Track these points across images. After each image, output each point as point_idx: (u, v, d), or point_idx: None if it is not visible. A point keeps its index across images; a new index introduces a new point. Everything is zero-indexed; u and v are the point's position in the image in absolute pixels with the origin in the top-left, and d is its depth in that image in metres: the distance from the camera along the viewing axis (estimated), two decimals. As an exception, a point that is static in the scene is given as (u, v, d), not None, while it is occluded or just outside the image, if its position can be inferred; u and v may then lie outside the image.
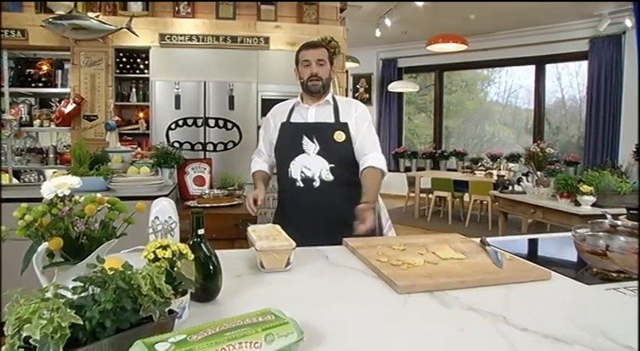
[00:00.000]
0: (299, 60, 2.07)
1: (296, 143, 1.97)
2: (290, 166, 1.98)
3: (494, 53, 8.04)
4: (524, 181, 4.47)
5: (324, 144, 1.95)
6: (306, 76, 2.02)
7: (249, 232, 1.46)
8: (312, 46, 2.07)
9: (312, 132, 1.97)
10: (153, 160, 3.49)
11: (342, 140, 1.97)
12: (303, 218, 1.90)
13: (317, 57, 2.01)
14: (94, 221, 0.95)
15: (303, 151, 1.97)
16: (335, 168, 1.95)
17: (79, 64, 4.75)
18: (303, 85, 2.06)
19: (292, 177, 1.97)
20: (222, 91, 4.92)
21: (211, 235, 3.12)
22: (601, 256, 1.19)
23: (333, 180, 1.94)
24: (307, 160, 1.96)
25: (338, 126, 1.99)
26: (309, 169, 1.95)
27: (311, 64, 2.00)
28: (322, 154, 1.95)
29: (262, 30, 5.03)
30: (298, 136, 1.98)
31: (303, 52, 2.05)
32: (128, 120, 5.12)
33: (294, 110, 2.08)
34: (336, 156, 1.96)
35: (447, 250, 1.38)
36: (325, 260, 1.42)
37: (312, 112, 2.03)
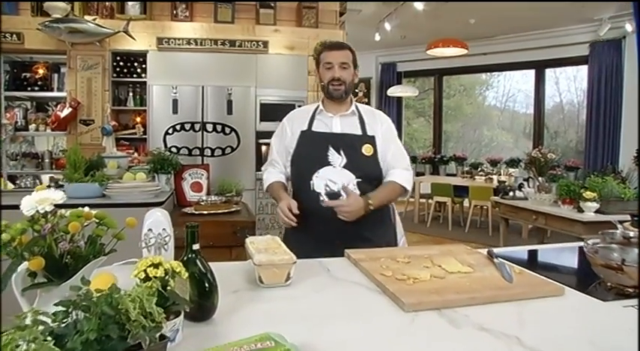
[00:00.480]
0: (320, 61, 1.92)
1: (321, 154, 1.83)
2: (312, 178, 1.82)
3: (494, 58, 8.01)
4: (526, 186, 4.42)
5: (351, 157, 1.82)
6: (327, 80, 1.88)
7: (247, 244, 1.40)
8: (336, 46, 1.91)
9: (339, 143, 1.84)
10: (149, 165, 3.42)
11: (370, 154, 1.86)
12: (325, 234, 1.77)
13: (340, 60, 1.86)
14: (80, 238, 0.89)
15: (329, 163, 1.82)
16: (362, 183, 1.82)
17: (76, 67, 4.69)
18: (323, 89, 1.92)
19: (315, 190, 1.82)
20: (220, 95, 4.87)
21: (209, 243, 3.07)
22: (616, 271, 1.14)
23: (359, 195, 1.79)
24: (333, 173, 1.82)
25: (365, 139, 1.88)
26: (335, 183, 1.81)
27: (333, 67, 1.86)
28: (349, 167, 1.82)
29: (261, 34, 4.98)
30: (323, 146, 1.84)
31: (326, 54, 1.90)
32: (125, 124, 5.06)
33: (316, 118, 1.92)
34: (363, 170, 1.84)
35: (454, 263, 1.32)
36: (327, 273, 1.36)
37: (336, 122, 1.90)
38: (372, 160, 1.87)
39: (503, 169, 6.68)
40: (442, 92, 9.40)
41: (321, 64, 1.91)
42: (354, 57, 1.92)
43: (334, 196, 1.79)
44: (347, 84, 1.88)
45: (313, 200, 1.81)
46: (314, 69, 5.48)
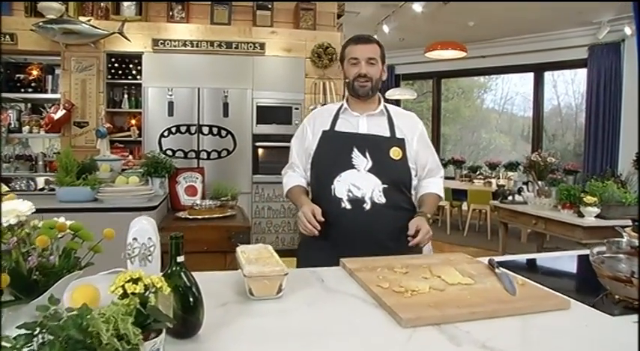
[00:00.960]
0: (345, 56, 1.78)
1: (344, 156, 1.69)
2: (334, 182, 1.68)
3: (492, 60, 7.97)
4: (525, 190, 4.37)
5: (378, 160, 1.68)
6: (352, 76, 1.74)
7: (237, 254, 1.34)
8: (363, 40, 1.76)
9: (364, 145, 1.70)
10: (143, 169, 3.36)
11: (399, 158, 1.71)
12: (346, 244, 1.63)
13: (367, 55, 1.72)
14: (51, 252, 0.83)
15: (353, 166, 1.68)
16: (388, 189, 1.67)
17: (70, 69, 4.63)
18: (348, 86, 1.79)
19: (336, 196, 1.67)
20: (216, 97, 4.82)
21: (203, 248, 2.99)
22: (625, 283, 1.08)
23: (385, 203, 1.66)
24: (357, 178, 1.67)
25: (394, 142, 1.73)
26: (359, 189, 1.66)
27: (360, 62, 1.72)
28: (374, 171, 1.68)
29: (258, 35, 4.93)
30: (347, 148, 1.70)
31: (351, 48, 1.75)
32: (120, 127, 5.00)
33: (340, 117, 1.79)
34: (390, 175, 1.69)
35: (454, 274, 1.26)
36: (320, 284, 1.30)
37: (363, 122, 1.76)
38: (401, 165, 1.72)
39: (502, 173, 6.62)
40: (441, 95, 9.36)
41: (346, 59, 1.77)
42: (383, 52, 1.78)
43: (358, 202, 1.66)
44: (374, 81, 1.74)
45: (334, 207, 1.67)
46: (312, 71, 5.38)
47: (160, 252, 1.30)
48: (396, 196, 1.70)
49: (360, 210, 1.66)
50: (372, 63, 1.73)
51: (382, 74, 1.79)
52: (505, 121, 9.25)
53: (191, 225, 2.98)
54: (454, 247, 6.03)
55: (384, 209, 1.67)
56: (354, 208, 1.66)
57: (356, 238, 1.64)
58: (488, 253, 5.45)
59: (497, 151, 9.10)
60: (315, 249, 1.71)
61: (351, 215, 1.66)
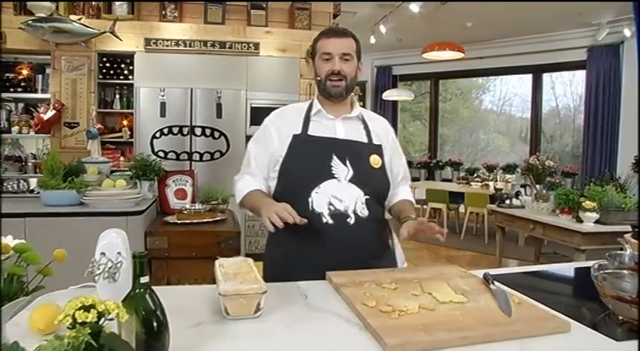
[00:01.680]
0: (316, 52, 1.58)
1: (322, 164, 1.50)
2: (312, 195, 1.48)
3: (490, 61, 7.91)
4: (523, 194, 4.30)
5: (359, 169, 1.52)
6: (324, 73, 1.55)
7: (215, 268, 1.26)
8: (337, 33, 1.57)
9: (344, 152, 1.52)
10: (131, 172, 3.28)
11: (378, 166, 1.56)
12: (325, 263, 1.43)
13: (342, 50, 1.53)
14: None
15: (333, 175, 1.49)
16: (370, 200, 1.52)
17: (60, 68, 4.54)
18: (319, 85, 1.58)
19: (315, 210, 1.47)
20: (209, 98, 4.73)
21: (191, 254, 2.91)
22: (630, 304, 1.00)
23: (368, 216, 1.50)
24: (338, 189, 1.49)
25: (373, 149, 1.58)
26: (341, 201, 1.48)
27: (333, 58, 1.53)
28: (356, 181, 1.50)
29: (252, 35, 4.85)
30: (326, 155, 1.50)
31: (323, 42, 1.56)
32: (112, 128, 4.90)
33: (312, 119, 1.58)
34: (372, 185, 1.53)
35: (446, 291, 1.18)
36: (303, 301, 1.22)
37: (339, 126, 1.58)
38: (381, 174, 1.58)
39: (500, 175, 6.55)
40: (438, 96, 9.30)
41: (317, 54, 1.57)
42: (359, 47, 1.60)
43: (341, 217, 1.48)
44: (348, 79, 1.56)
45: (314, 223, 1.45)
46: (307, 71, 5.31)
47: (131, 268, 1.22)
48: (376, 209, 1.57)
49: (344, 225, 1.48)
50: (347, 59, 1.55)
51: (358, 72, 1.61)
52: (503, 122, 9.20)
53: (179, 230, 2.90)
54: (450, 251, 5.96)
55: (368, 223, 1.51)
56: (338, 223, 1.47)
57: (335, 256, 1.46)
58: (485, 258, 5.40)
59: (495, 153, 9.05)
60: (292, 268, 1.50)
61: (335, 231, 1.47)
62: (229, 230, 2.91)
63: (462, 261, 5.50)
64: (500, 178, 6.31)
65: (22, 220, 2.71)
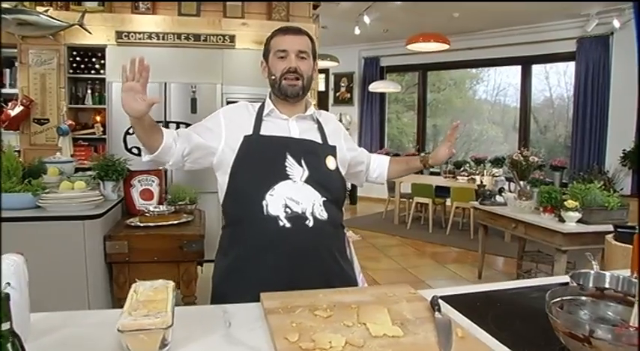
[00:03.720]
0: (270, 49, 1.52)
1: (276, 165, 1.42)
2: (266, 197, 1.39)
3: (479, 53, 7.76)
4: (506, 190, 4.18)
5: (314, 169, 1.45)
6: (279, 72, 1.48)
7: (129, 293, 1.13)
8: (292, 31, 1.51)
9: (299, 151, 1.45)
10: (94, 172, 3.13)
11: (334, 168, 1.50)
12: (280, 272, 1.38)
13: (298, 47, 1.47)
14: None
15: (287, 176, 1.42)
16: (327, 203, 1.45)
17: (28, 63, 4.38)
18: (274, 85, 1.52)
19: (270, 214, 1.38)
20: (184, 93, 4.58)
21: (153, 258, 2.77)
22: (583, 343, 0.88)
23: (327, 218, 1.43)
24: (293, 190, 1.41)
25: (329, 149, 1.53)
26: (298, 203, 1.40)
27: (289, 55, 1.47)
28: (311, 182, 1.43)
29: (228, 27, 4.70)
30: (279, 154, 1.43)
31: (279, 39, 1.50)
32: (84, 124, 4.76)
33: (264, 120, 1.51)
34: (329, 187, 1.46)
35: (383, 321, 1.06)
36: (225, 330, 1.09)
37: (293, 125, 1.51)
38: (337, 176, 1.52)
39: (487, 169, 6.43)
40: (426, 87, 9.15)
41: (271, 52, 1.51)
42: (314, 47, 1.55)
43: (299, 219, 1.39)
44: (305, 78, 1.49)
45: (270, 227, 1.38)
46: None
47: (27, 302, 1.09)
48: (334, 212, 1.49)
49: (303, 228, 1.39)
50: (304, 57, 1.48)
51: (314, 72, 1.55)
52: (497, 112, 9.09)
53: (139, 234, 2.77)
54: (436, 247, 5.87)
55: (327, 226, 1.43)
56: (295, 227, 1.38)
57: (291, 265, 1.39)
58: (470, 254, 5.30)
59: (489, 143, 8.96)
60: (245, 280, 1.41)
61: (293, 235, 1.38)
62: (192, 233, 2.78)
63: (447, 257, 5.41)
64: (487, 172, 6.19)
65: (-29, 225, 2.56)
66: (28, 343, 1.07)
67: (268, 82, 1.56)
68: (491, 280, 4.46)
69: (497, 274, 4.71)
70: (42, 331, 1.12)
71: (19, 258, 1.09)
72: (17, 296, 1.03)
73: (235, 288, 1.41)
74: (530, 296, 1.28)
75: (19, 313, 1.05)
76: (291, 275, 1.38)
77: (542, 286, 1.35)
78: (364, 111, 9.48)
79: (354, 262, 1.66)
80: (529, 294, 1.31)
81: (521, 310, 1.21)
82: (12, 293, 1.03)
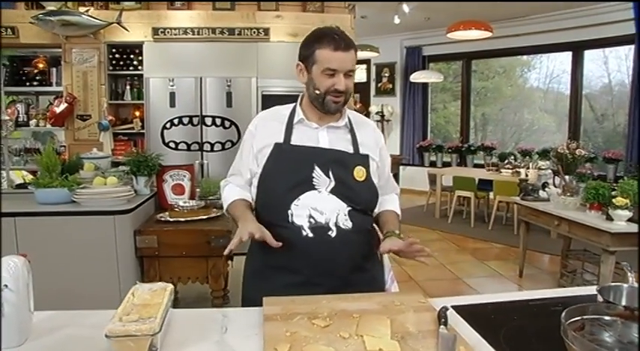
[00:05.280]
0: (316, 61, 1.42)
1: (304, 175, 1.42)
2: (291, 207, 1.41)
3: (527, 39, 7.35)
4: (551, 186, 3.94)
5: (340, 180, 1.43)
6: (324, 89, 1.41)
7: (128, 294, 1.12)
8: (343, 47, 1.40)
9: (327, 162, 1.43)
10: (127, 168, 3.21)
11: (363, 179, 1.47)
12: (309, 280, 1.40)
13: (348, 66, 1.41)
14: None
15: (313, 186, 1.42)
16: (353, 212, 1.44)
17: (71, 61, 4.55)
18: (317, 99, 1.45)
19: (295, 223, 1.40)
20: (219, 87, 4.62)
21: (181, 253, 2.81)
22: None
23: (351, 228, 1.42)
24: (318, 200, 1.41)
25: (358, 159, 1.49)
26: (322, 213, 1.40)
27: (338, 75, 1.40)
28: (337, 192, 1.42)
29: (262, 20, 4.68)
30: (308, 165, 1.42)
31: (328, 55, 1.39)
32: (124, 119, 4.90)
33: (295, 127, 1.48)
34: (355, 198, 1.45)
35: (382, 333, 1.00)
36: (218, 337, 1.07)
37: (323, 135, 1.48)
38: (365, 185, 1.48)
39: (533, 162, 6.10)
40: (470, 76, 8.81)
41: (317, 65, 1.42)
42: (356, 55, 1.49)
43: (322, 230, 1.39)
44: (348, 94, 1.45)
45: (293, 236, 1.39)
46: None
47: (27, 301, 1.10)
48: (361, 219, 1.46)
49: (325, 238, 1.40)
50: (350, 75, 1.43)
51: None
52: (551, 100, 8.63)
53: (168, 228, 2.81)
54: (477, 242, 5.66)
55: (351, 235, 1.42)
56: (318, 236, 1.39)
57: (317, 271, 1.40)
58: (512, 251, 5.06)
59: (540, 133, 8.56)
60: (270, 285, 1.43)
61: (314, 245, 1.39)
62: (219, 229, 2.79)
63: (488, 254, 5.20)
64: (532, 165, 5.87)
65: (12, 219, 2.69)
66: (28, 343, 1.09)
67: (307, 91, 1.51)
68: (532, 279, 4.25)
69: (540, 272, 4.48)
70: (44, 331, 1.13)
71: (20, 260, 1.10)
72: (14, 298, 1.05)
73: (258, 292, 1.37)
74: (554, 309, 1.17)
75: (17, 314, 1.06)
76: (312, 284, 1.38)
77: (569, 297, 1.23)
78: (406, 102, 9.27)
79: (385, 260, 1.63)
80: (553, 306, 1.19)
81: (540, 325, 1.10)
82: (9, 295, 1.06)
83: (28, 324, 1.11)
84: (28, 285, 1.12)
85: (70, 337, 1.11)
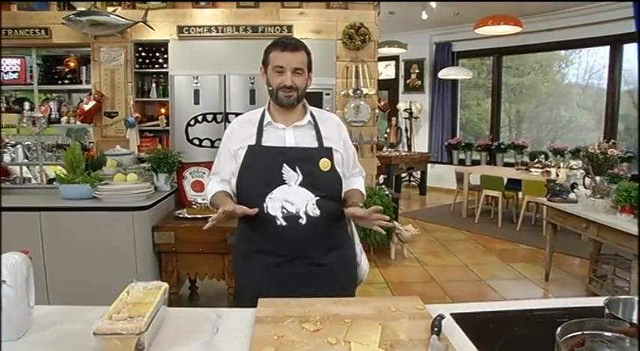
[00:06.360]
0: (269, 62, 1.65)
1: (274, 172, 1.61)
2: (266, 200, 1.60)
3: (561, 34, 7.08)
4: (580, 186, 3.78)
5: (308, 173, 1.62)
6: (276, 85, 1.63)
7: (122, 292, 1.13)
8: (290, 47, 1.62)
9: (294, 159, 1.62)
10: (147, 164, 3.28)
11: (328, 169, 1.65)
12: (286, 263, 1.62)
13: (293, 65, 1.61)
14: None
15: (283, 181, 1.61)
16: (321, 201, 1.62)
17: (100, 60, 4.66)
18: (271, 94, 1.67)
19: (270, 214, 1.59)
20: (243, 84, 4.64)
21: (198, 249, 2.85)
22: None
23: (319, 215, 1.61)
24: (289, 193, 1.61)
25: (323, 152, 1.66)
26: (293, 204, 1.60)
27: (285, 72, 1.61)
28: (305, 185, 1.61)
29: (285, 17, 4.68)
30: (277, 163, 1.61)
31: (276, 55, 1.63)
32: (150, 116, 4.99)
33: (265, 129, 1.67)
34: (322, 188, 1.63)
35: (371, 340, 0.97)
36: (208, 337, 1.07)
37: (289, 135, 1.67)
38: (330, 175, 1.66)
39: (565, 161, 5.88)
40: (501, 72, 8.57)
41: (270, 65, 1.65)
42: (310, 59, 1.69)
43: (293, 219, 1.60)
44: (300, 90, 1.64)
45: (269, 224, 1.60)
46: (343, 53, 5.10)
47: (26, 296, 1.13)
48: (329, 206, 1.65)
49: (297, 225, 1.60)
50: (299, 73, 1.62)
51: (308, 83, 1.69)
52: (590, 96, 8.29)
53: (185, 225, 2.85)
54: (504, 243, 5.51)
55: (319, 221, 1.62)
56: (290, 225, 1.60)
57: (295, 254, 1.61)
58: (541, 253, 4.88)
59: (577, 130, 8.26)
60: (249, 268, 1.68)
61: (287, 231, 1.60)
62: (235, 226, 2.79)
63: (515, 255, 5.05)
64: (563, 164, 5.66)
65: (37, 214, 2.78)
66: (27, 336, 1.12)
67: (267, 90, 1.70)
68: (559, 283, 4.09)
69: (568, 276, 4.31)
70: (43, 325, 1.16)
71: (20, 256, 1.13)
72: (12, 293, 1.08)
73: (244, 273, 1.71)
74: (559, 320, 1.11)
75: (15, 309, 1.09)
76: (290, 265, 1.61)
77: (578, 308, 1.17)
78: (435, 99, 9.10)
79: (355, 234, 1.85)
80: (559, 317, 1.12)
81: (541, 338, 1.04)
82: (7, 291, 1.08)
83: (27, 318, 1.14)
84: (28, 280, 1.15)
85: (67, 332, 1.13)
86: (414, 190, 9.12)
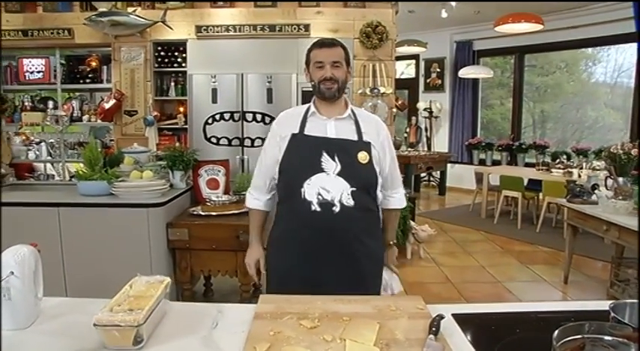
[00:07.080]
0: (310, 61, 1.81)
1: (314, 160, 1.71)
2: (304, 185, 1.71)
3: (584, 31, 6.91)
4: (602, 188, 3.69)
5: (346, 164, 1.71)
6: (318, 79, 1.77)
7: (125, 286, 1.15)
8: (327, 44, 1.79)
9: (334, 149, 1.72)
10: (164, 162, 3.33)
11: (366, 162, 1.74)
12: (316, 246, 1.71)
13: (332, 58, 1.75)
14: None
15: (322, 169, 1.71)
16: (356, 192, 1.71)
17: (120, 59, 4.75)
18: (314, 88, 1.80)
19: (306, 199, 1.70)
20: (260, 83, 4.66)
21: (211, 246, 2.88)
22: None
23: (353, 205, 1.70)
24: (326, 181, 1.70)
25: (362, 146, 1.77)
26: (328, 192, 1.69)
27: (325, 66, 1.74)
28: (343, 175, 1.70)
29: (302, 17, 4.68)
30: (317, 151, 1.72)
31: (316, 52, 1.78)
32: (169, 114, 5.06)
33: (308, 120, 1.80)
34: (358, 179, 1.72)
35: (367, 339, 0.97)
36: (207, 332, 1.08)
37: (331, 126, 1.78)
38: (368, 168, 1.76)
39: (588, 162, 5.74)
40: (523, 71, 8.41)
41: (311, 63, 1.80)
42: (347, 55, 1.81)
43: (327, 205, 1.69)
44: (340, 82, 1.76)
45: (304, 209, 1.70)
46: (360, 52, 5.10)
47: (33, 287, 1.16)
48: (363, 199, 1.73)
49: (330, 213, 1.69)
50: (337, 66, 1.74)
51: (348, 76, 1.81)
52: (619, 95, 8.05)
53: (199, 222, 2.89)
54: (523, 245, 5.41)
55: (352, 211, 1.70)
56: (324, 211, 1.68)
57: (326, 240, 1.70)
58: (561, 256, 4.77)
59: (604, 130, 8.05)
60: (283, 251, 1.80)
61: (321, 217, 1.69)
62: (248, 224, 2.82)
63: (534, 258, 4.96)
64: (587, 165, 5.52)
65: (56, 209, 2.85)
66: (35, 326, 1.15)
67: (311, 86, 1.83)
68: (578, 286, 4.00)
69: (588, 280, 4.20)
70: (50, 316, 1.19)
71: (29, 249, 1.16)
72: (20, 284, 1.11)
73: (276, 254, 1.82)
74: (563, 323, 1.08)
75: (23, 299, 1.12)
76: (319, 249, 1.70)
77: (583, 312, 1.14)
78: (456, 98, 9.00)
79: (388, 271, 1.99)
80: (563, 320, 1.09)
81: (542, 341, 1.01)
82: (15, 282, 1.11)
83: (34, 309, 1.17)
84: (35, 273, 1.18)
85: (73, 323, 1.16)
86: (433, 190, 9.04)
